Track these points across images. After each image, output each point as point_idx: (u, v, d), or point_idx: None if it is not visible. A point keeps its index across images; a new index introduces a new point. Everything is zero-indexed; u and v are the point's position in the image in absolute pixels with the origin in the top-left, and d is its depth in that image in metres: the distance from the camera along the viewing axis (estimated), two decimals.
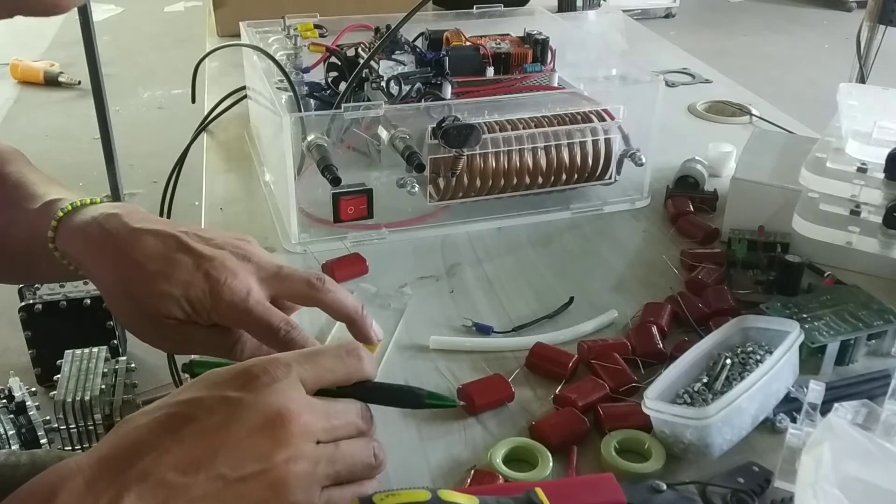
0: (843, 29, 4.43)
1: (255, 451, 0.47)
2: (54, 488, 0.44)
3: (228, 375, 0.49)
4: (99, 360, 1.71)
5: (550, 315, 0.76)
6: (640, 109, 0.92)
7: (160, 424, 0.46)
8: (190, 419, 0.46)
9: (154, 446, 0.45)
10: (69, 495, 0.43)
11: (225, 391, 0.48)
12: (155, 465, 0.45)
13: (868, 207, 0.79)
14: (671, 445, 0.59)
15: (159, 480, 0.44)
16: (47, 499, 0.43)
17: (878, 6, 1.95)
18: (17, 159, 0.72)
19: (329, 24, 1.05)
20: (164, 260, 0.61)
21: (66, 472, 0.44)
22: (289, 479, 0.48)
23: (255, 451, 0.47)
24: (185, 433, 0.46)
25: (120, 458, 0.45)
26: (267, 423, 0.47)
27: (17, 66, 3.79)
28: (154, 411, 0.48)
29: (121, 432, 0.47)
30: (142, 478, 0.44)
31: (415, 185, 0.86)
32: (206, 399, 0.48)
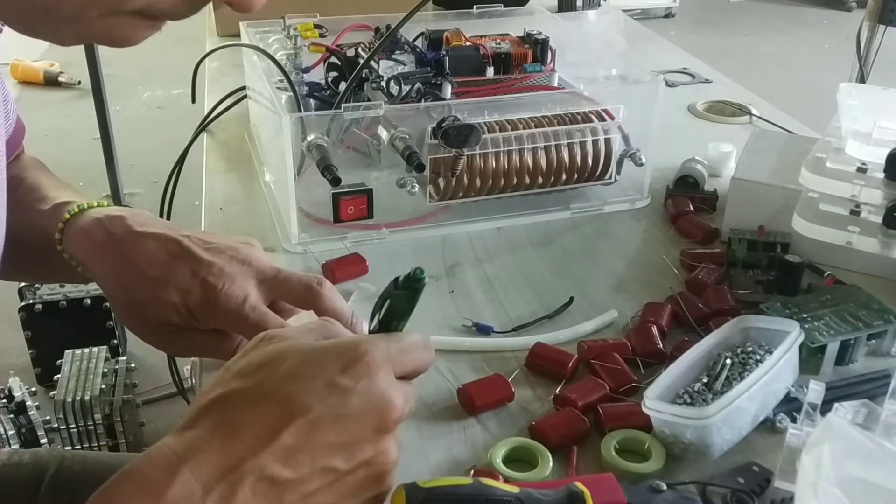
0: (843, 29, 4.43)
1: (365, 442, 0.45)
2: (160, 485, 0.41)
3: (329, 353, 0.46)
4: (99, 360, 1.71)
5: (550, 315, 0.76)
6: (640, 109, 0.92)
7: (268, 412, 0.43)
8: (301, 410, 0.43)
9: (265, 439, 0.42)
10: (179, 491, 0.41)
11: (331, 375, 0.45)
12: (267, 460, 0.42)
13: (868, 207, 0.79)
14: (671, 445, 0.59)
15: (272, 477, 0.42)
16: (156, 497, 0.41)
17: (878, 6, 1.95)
18: (35, 166, 0.74)
19: (329, 24, 1.05)
20: (164, 266, 0.61)
21: (167, 465, 0.42)
22: (388, 466, 0.47)
23: (365, 442, 0.45)
24: (298, 426, 0.43)
25: (227, 451, 0.42)
26: (375, 412, 0.45)
27: (17, 66, 3.79)
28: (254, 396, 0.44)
29: (217, 417, 0.44)
30: (254, 473, 0.42)
31: (415, 185, 0.86)
32: (314, 385, 0.44)
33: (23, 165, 0.73)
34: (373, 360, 0.46)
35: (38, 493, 0.78)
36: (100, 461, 0.83)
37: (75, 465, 0.81)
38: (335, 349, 0.46)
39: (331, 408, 0.44)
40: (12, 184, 0.70)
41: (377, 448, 0.46)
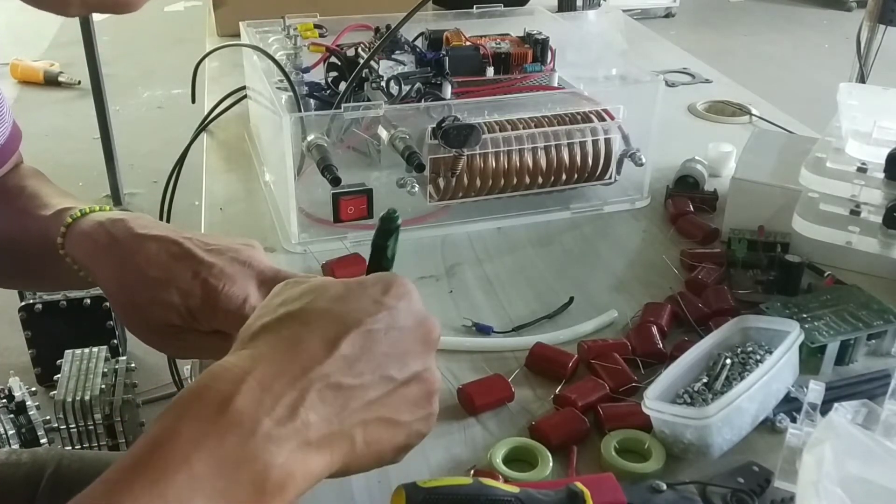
0: (843, 29, 4.43)
1: (415, 355, 0.48)
2: (227, 394, 0.41)
3: (366, 281, 0.49)
4: (99, 359, 1.71)
5: (550, 315, 0.76)
6: (640, 109, 0.92)
7: (324, 328, 0.45)
8: (355, 323, 0.46)
9: (326, 350, 0.44)
10: (246, 399, 0.41)
11: (375, 296, 0.47)
12: (331, 368, 0.44)
13: (868, 207, 0.79)
14: (671, 445, 0.59)
15: (336, 384, 0.44)
16: (221, 406, 0.41)
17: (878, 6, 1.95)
18: (35, 175, 0.74)
19: (329, 24, 1.05)
20: (165, 267, 0.61)
21: (231, 376, 0.43)
22: (435, 385, 0.49)
23: (414, 354, 0.48)
24: (354, 337, 0.45)
25: (291, 361, 0.44)
26: (419, 326, 0.48)
27: (17, 66, 3.79)
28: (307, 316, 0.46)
29: (274, 336, 0.45)
30: (320, 380, 0.43)
31: (415, 185, 0.86)
32: (362, 303, 0.47)
33: (23, 175, 0.73)
34: (407, 283, 0.49)
35: (36, 492, 0.78)
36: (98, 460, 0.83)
37: (73, 465, 0.81)
38: (370, 278, 0.49)
39: (380, 321, 0.46)
40: (13, 193, 0.71)
41: (425, 363, 0.48)
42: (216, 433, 0.40)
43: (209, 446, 0.40)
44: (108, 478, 0.39)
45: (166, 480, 0.38)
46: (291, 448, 0.42)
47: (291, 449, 0.42)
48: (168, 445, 0.40)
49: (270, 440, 0.41)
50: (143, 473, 0.39)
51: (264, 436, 0.41)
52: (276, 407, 0.42)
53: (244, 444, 0.40)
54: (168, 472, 0.39)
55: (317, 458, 0.43)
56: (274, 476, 0.41)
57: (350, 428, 0.45)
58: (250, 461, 0.40)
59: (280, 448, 0.41)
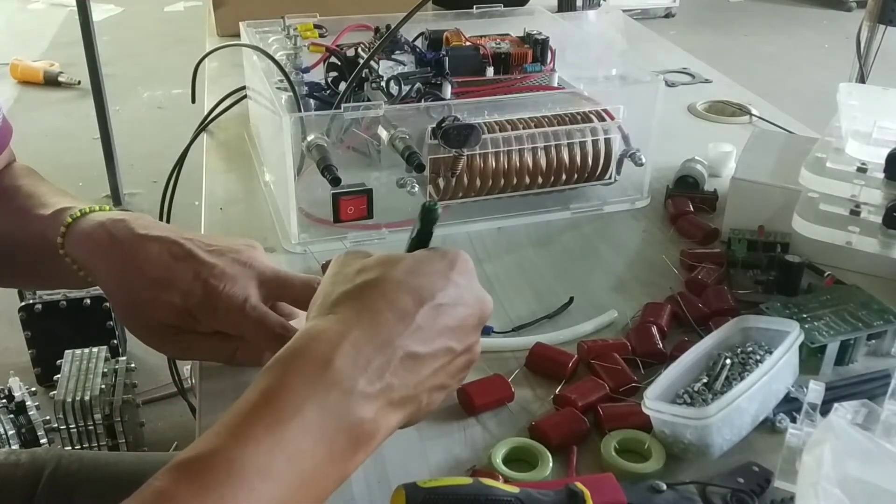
0: (843, 29, 4.43)
1: (471, 329, 0.53)
2: (327, 354, 0.46)
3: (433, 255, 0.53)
4: (99, 360, 1.71)
5: (550, 315, 0.76)
6: (640, 109, 0.92)
7: (401, 299, 0.50)
8: (428, 296, 0.50)
9: (405, 321, 0.49)
10: (344, 360, 0.47)
11: (444, 271, 0.52)
12: (409, 338, 0.49)
13: (868, 207, 0.79)
14: (671, 445, 0.59)
15: (413, 353, 0.49)
16: (324, 365, 0.46)
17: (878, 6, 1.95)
18: (30, 174, 0.74)
19: (329, 24, 1.05)
20: (166, 268, 0.62)
21: (329, 338, 0.47)
22: (476, 357, 0.55)
23: (471, 329, 0.53)
24: (427, 310, 0.50)
25: (376, 329, 0.48)
26: (479, 304, 0.53)
27: (17, 66, 3.79)
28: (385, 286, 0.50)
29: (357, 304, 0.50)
30: (401, 348, 0.48)
31: (415, 185, 0.86)
32: (433, 278, 0.51)
33: (16, 174, 0.73)
34: (469, 261, 0.54)
35: (35, 492, 0.78)
36: (97, 460, 0.83)
37: (72, 465, 0.81)
38: (437, 253, 0.53)
39: (449, 297, 0.51)
40: (9, 192, 0.71)
41: (476, 337, 0.54)
42: (322, 387, 0.46)
43: (317, 399, 0.45)
44: (229, 421, 0.44)
45: (282, 425, 0.44)
46: (379, 406, 0.47)
47: (379, 407, 0.47)
48: (281, 395, 0.45)
49: (364, 397, 0.46)
50: (261, 418, 0.44)
51: (360, 393, 0.46)
52: (367, 369, 0.47)
53: (345, 398, 0.46)
54: (283, 419, 0.44)
55: (395, 415, 0.49)
56: (366, 428, 0.47)
57: (419, 392, 0.50)
58: (349, 414, 0.46)
59: (371, 405, 0.47)
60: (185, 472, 0.41)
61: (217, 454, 0.42)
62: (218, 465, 0.42)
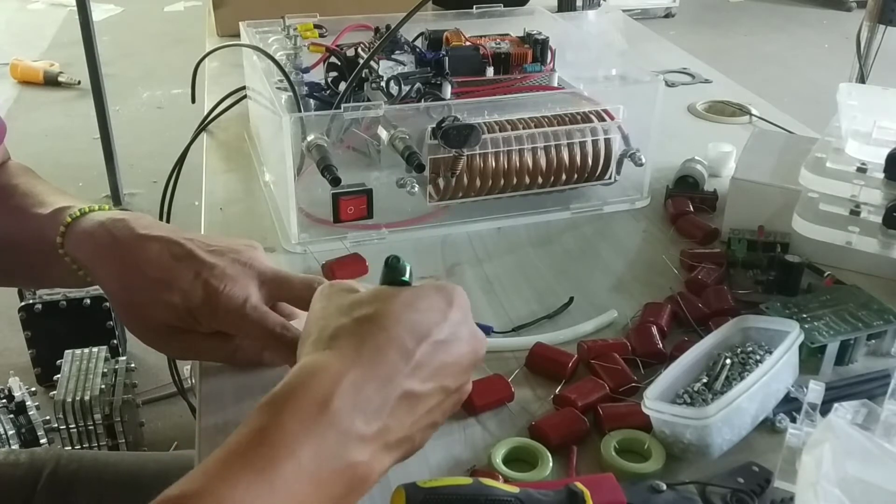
0: (843, 29, 4.43)
1: (466, 367, 0.52)
2: (326, 394, 0.45)
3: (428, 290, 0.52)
4: (99, 360, 1.71)
5: (550, 315, 0.76)
6: (640, 109, 0.92)
7: (401, 335, 0.49)
8: (426, 333, 0.49)
9: (405, 358, 0.48)
10: (343, 401, 0.45)
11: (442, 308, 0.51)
12: (409, 376, 0.48)
13: (868, 207, 0.79)
14: (671, 445, 0.59)
15: (411, 392, 0.48)
16: (322, 405, 0.45)
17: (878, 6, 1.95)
18: (26, 172, 0.74)
19: (329, 24, 1.04)
20: (166, 268, 0.61)
21: (328, 377, 0.46)
22: (466, 396, 0.54)
23: (466, 366, 0.52)
24: (426, 347, 0.49)
25: (376, 367, 0.47)
26: (476, 342, 0.52)
27: (16, 66, 3.79)
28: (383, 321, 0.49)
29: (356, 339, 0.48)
30: (400, 387, 0.47)
31: (415, 185, 0.86)
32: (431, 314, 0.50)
33: (12, 173, 0.73)
34: (465, 298, 0.53)
35: (34, 492, 0.78)
36: (96, 460, 0.83)
37: (71, 465, 0.81)
38: (433, 287, 0.52)
39: (446, 333, 0.50)
40: (6, 191, 0.70)
41: (468, 376, 0.53)
42: (319, 429, 0.44)
43: (313, 440, 0.44)
44: (217, 459, 0.42)
45: (275, 468, 0.42)
46: (375, 449, 0.46)
47: (375, 449, 0.46)
48: (276, 435, 0.43)
49: (361, 440, 0.45)
50: (253, 460, 0.42)
51: (356, 436, 0.45)
52: (367, 409, 0.46)
53: (342, 440, 0.44)
54: (276, 462, 0.42)
55: (389, 457, 0.48)
56: (360, 471, 0.45)
57: (414, 433, 0.49)
58: (345, 457, 0.44)
59: (367, 447, 0.46)
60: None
61: (205, 495, 0.41)
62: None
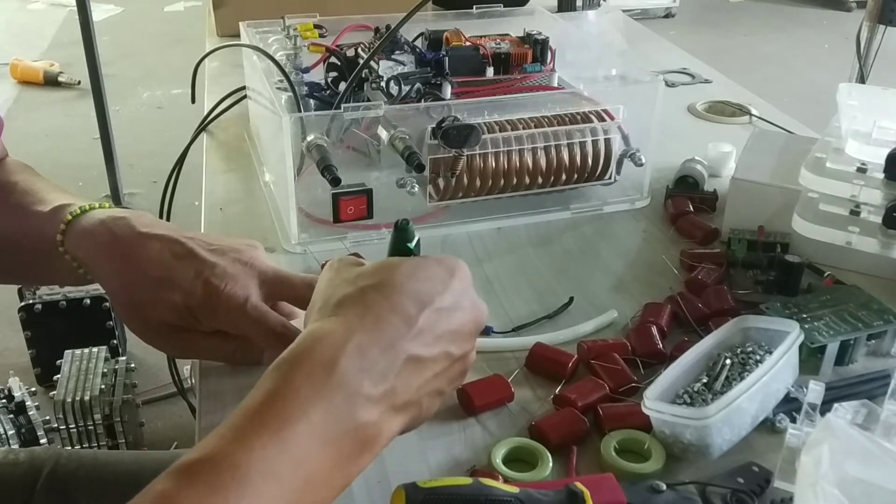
0: (843, 29, 4.43)
1: (469, 335, 0.53)
2: (332, 357, 0.46)
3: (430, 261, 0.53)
4: (99, 360, 1.71)
5: (550, 315, 0.76)
6: (640, 109, 0.92)
7: (403, 302, 0.50)
8: (428, 300, 0.50)
9: (408, 324, 0.49)
10: (349, 363, 0.46)
11: (444, 277, 0.52)
12: (413, 341, 0.49)
13: (868, 207, 0.79)
14: (671, 445, 0.59)
15: (416, 356, 0.49)
16: (329, 367, 0.46)
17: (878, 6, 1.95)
18: (25, 170, 0.74)
19: (329, 24, 1.04)
20: (167, 266, 0.61)
21: (333, 341, 0.47)
22: (470, 364, 0.55)
23: (468, 335, 0.53)
24: (428, 314, 0.50)
25: (381, 332, 0.48)
26: (477, 311, 0.54)
27: (16, 66, 3.79)
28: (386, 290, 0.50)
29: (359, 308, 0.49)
30: (405, 351, 0.48)
31: (415, 185, 0.86)
32: (433, 283, 0.51)
33: (11, 170, 0.72)
34: (466, 269, 0.54)
35: (34, 491, 0.78)
36: (95, 459, 0.83)
37: (71, 464, 0.81)
38: (435, 259, 0.53)
39: (448, 301, 0.51)
40: (5, 189, 0.70)
41: (472, 343, 0.54)
42: (328, 390, 0.45)
43: (323, 401, 0.45)
44: (233, 424, 0.43)
45: (288, 429, 0.43)
46: (382, 409, 0.47)
47: (382, 410, 0.47)
48: (287, 398, 0.44)
49: (369, 400, 0.46)
50: (266, 422, 0.43)
51: (365, 396, 0.46)
52: (372, 371, 0.47)
53: (350, 401, 0.46)
54: (289, 422, 0.43)
55: (398, 420, 0.49)
56: (370, 432, 0.46)
57: (420, 397, 0.50)
58: (354, 417, 0.46)
59: (375, 408, 0.47)
60: (188, 476, 0.41)
61: (221, 458, 0.42)
62: (222, 468, 0.41)
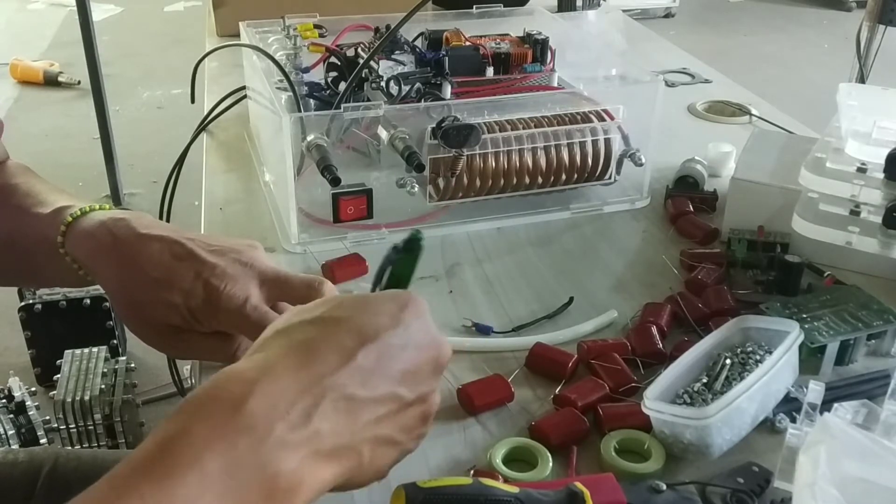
0: (843, 29, 4.43)
1: (425, 376, 0.47)
2: (240, 396, 0.40)
3: (382, 296, 0.49)
4: (99, 360, 1.71)
5: (550, 315, 0.76)
6: (639, 109, 0.92)
7: (341, 336, 0.45)
8: (372, 335, 0.45)
9: (342, 359, 0.44)
10: (260, 402, 0.41)
11: (393, 311, 0.47)
12: (346, 378, 0.43)
13: (868, 207, 0.79)
14: (671, 445, 0.59)
15: (350, 395, 0.43)
16: (235, 408, 0.40)
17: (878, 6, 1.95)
18: (26, 172, 0.74)
19: (329, 24, 1.04)
20: (167, 267, 0.61)
21: (245, 378, 0.42)
22: (434, 408, 0.49)
23: (424, 375, 0.47)
24: (371, 350, 0.45)
25: (306, 367, 0.43)
26: (433, 348, 0.48)
27: (16, 66, 3.79)
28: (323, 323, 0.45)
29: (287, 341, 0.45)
30: (334, 389, 0.43)
31: (415, 185, 0.86)
32: (380, 317, 0.46)
33: (11, 173, 0.73)
34: (423, 303, 0.49)
35: (33, 491, 0.78)
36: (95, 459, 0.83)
37: (70, 463, 0.81)
38: (387, 294, 0.49)
39: (397, 337, 0.46)
40: (6, 191, 0.70)
41: (431, 385, 0.48)
42: (229, 434, 0.39)
43: (221, 447, 0.39)
44: (116, 473, 0.38)
45: (175, 479, 0.38)
46: (302, 456, 0.41)
47: (302, 456, 0.41)
48: (179, 444, 0.39)
49: (283, 445, 0.40)
50: (151, 471, 0.38)
51: (277, 441, 0.40)
52: (290, 412, 0.41)
53: (256, 447, 0.40)
54: (177, 471, 0.38)
55: (326, 468, 0.43)
56: (283, 483, 0.40)
57: (359, 443, 0.44)
58: (262, 465, 0.40)
59: (291, 454, 0.41)
60: None
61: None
62: None
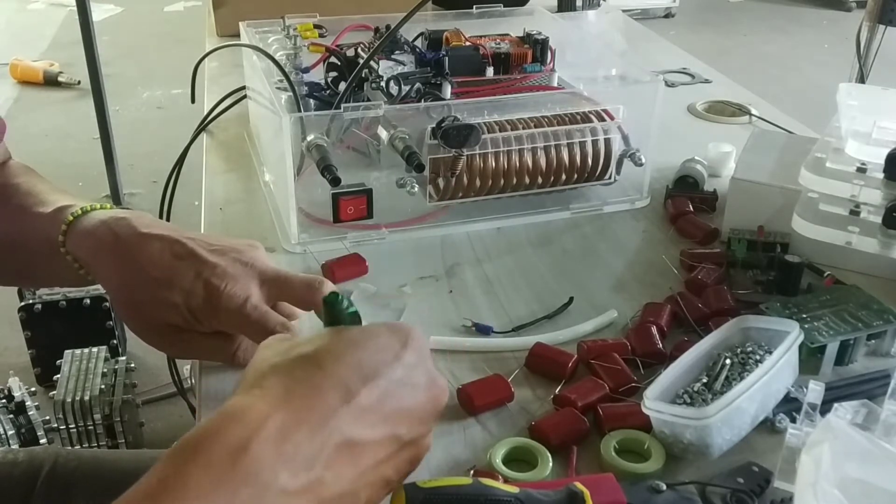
0: (843, 29, 4.43)
1: (422, 417, 0.47)
2: (243, 441, 0.39)
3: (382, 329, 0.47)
4: (98, 360, 1.71)
5: (550, 315, 0.76)
6: (639, 109, 0.92)
7: (341, 374, 0.43)
8: (373, 374, 0.44)
9: (343, 399, 0.42)
10: (265, 448, 0.39)
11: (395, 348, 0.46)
12: (348, 420, 0.42)
13: (868, 207, 0.79)
14: (671, 445, 0.59)
15: (352, 440, 0.42)
16: (237, 454, 0.38)
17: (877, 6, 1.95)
18: (27, 172, 0.74)
19: (329, 24, 1.04)
20: (168, 267, 0.62)
21: (249, 420, 0.40)
22: (426, 450, 0.48)
23: (422, 415, 0.47)
24: (372, 388, 0.43)
25: (309, 409, 0.41)
26: (434, 388, 0.47)
27: (16, 66, 3.79)
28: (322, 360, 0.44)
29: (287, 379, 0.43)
30: (338, 433, 0.42)
31: (414, 185, 0.86)
32: (381, 354, 0.45)
33: (13, 173, 0.73)
34: (422, 339, 0.48)
35: (33, 490, 0.78)
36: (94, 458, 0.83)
37: (70, 463, 0.81)
38: (387, 327, 0.47)
39: (399, 375, 0.45)
40: (8, 191, 0.70)
41: (428, 426, 0.47)
42: (229, 484, 0.38)
43: (221, 497, 0.37)
44: None
45: None
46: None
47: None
48: (175, 490, 0.37)
49: (285, 496, 0.39)
50: None
51: (280, 491, 0.39)
52: (294, 459, 0.40)
53: (260, 497, 0.38)
54: None
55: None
56: None
57: (358, 489, 0.43)
58: None
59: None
60: None
61: None
62: None
